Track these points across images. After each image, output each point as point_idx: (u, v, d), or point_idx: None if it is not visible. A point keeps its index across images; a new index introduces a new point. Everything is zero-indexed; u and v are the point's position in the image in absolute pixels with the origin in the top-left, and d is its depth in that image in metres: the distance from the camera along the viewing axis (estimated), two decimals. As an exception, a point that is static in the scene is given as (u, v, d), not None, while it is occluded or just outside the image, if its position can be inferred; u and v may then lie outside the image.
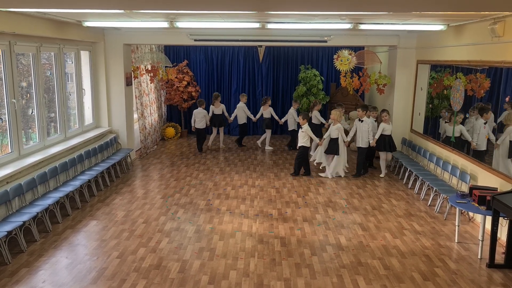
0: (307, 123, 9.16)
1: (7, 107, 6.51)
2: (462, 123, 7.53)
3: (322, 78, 13.29)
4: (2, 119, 6.60)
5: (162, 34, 9.53)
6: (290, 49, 13.62)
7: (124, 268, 5.20)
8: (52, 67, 8.04)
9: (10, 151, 6.65)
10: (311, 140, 9.32)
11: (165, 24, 7.70)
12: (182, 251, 5.68)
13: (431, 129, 8.97)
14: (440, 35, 8.31)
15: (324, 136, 9.25)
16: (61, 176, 7.36)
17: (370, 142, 9.03)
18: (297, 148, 9.27)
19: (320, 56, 13.73)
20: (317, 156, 9.25)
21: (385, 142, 9.05)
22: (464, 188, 7.02)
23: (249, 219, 6.82)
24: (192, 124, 11.38)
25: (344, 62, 9.78)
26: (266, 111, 11.62)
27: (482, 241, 5.59)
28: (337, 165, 9.13)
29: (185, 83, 12.97)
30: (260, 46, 13.28)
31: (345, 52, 9.74)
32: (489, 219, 5.50)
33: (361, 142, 9.11)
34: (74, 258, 5.45)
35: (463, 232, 6.39)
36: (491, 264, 5.34)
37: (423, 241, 6.07)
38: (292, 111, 11.29)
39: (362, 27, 7.80)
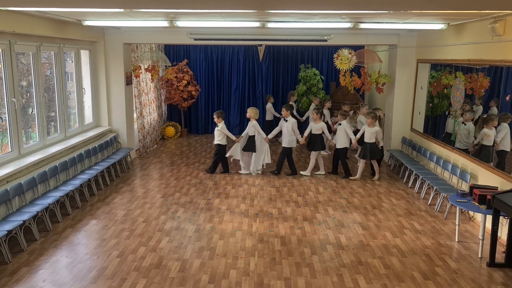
0: (223, 122, 9.18)
1: (7, 106, 6.51)
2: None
3: (322, 77, 13.29)
4: (2, 118, 6.59)
5: (162, 33, 9.52)
6: (290, 48, 13.62)
7: (124, 267, 5.20)
8: (52, 66, 8.03)
9: (10, 150, 6.65)
10: (260, 138, 9.18)
11: (165, 23, 7.70)
12: (182, 250, 5.68)
13: (431, 128, 8.96)
14: (440, 34, 8.30)
15: (242, 134, 9.30)
16: (61, 175, 7.36)
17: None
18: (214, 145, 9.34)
19: (320, 55, 13.72)
20: (234, 152, 9.26)
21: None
22: (465, 187, 7.01)
23: (249, 218, 6.82)
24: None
25: (344, 61, 9.77)
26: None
27: (483, 240, 5.59)
28: (256, 161, 9.21)
29: (185, 82, 12.96)
30: (260, 45, 13.27)
31: (345, 51, 9.73)
32: (489, 218, 5.50)
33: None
34: (74, 257, 5.45)
35: (463, 231, 6.39)
36: (492, 263, 5.34)
37: (423, 240, 6.07)
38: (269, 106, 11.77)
39: (362, 26, 7.79)
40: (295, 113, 12.02)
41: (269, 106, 12.42)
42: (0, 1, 5.07)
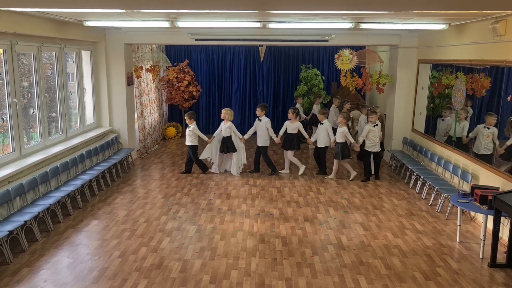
0: (194, 122, 9.20)
1: (9, 106, 6.52)
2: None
3: (323, 78, 13.30)
4: (3, 119, 6.60)
5: (163, 34, 9.53)
6: (291, 48, 13.62)
7: (125, 268, 5.20)
8: (53, 67, 8.04)
9: (11, 150, 6.65)
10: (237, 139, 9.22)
11: (166, 24, 7.70)
12: (183, 250, 5.68)
13: (432, 128, 8.95)
14: (441, 34, 8.30)
15: (214, 134, 9.34)
16: (62, 175, 7.37)
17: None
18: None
19: (321, 55, 13.72)
20: (208, 153, 9.29)
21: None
22: (466, 188, 7.01)
23: (250, 219, 6.82)
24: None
25: (345, 61, 9.76)
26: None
27: (484, 240, 5.59)
28: (237, 161, 9.23)
29: (186, 82, 12.97)
30: (261, 45, 13.27)
31: (346, 52, 9.72)
32: (490, 218, 5.49)
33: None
34: (76, 258, 5.45)
35: (464, 231, 6.38)
36: (493, 264, 5.33)
37: (424, 241, 6.07)
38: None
39: (363, 26, 7.79)
40: (303, 115, 11.90)
41: (297, 106, 12.03)
42: (1, 2, 5.08)
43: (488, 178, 6.51)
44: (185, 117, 9.29)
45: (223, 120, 9.25)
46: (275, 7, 5.41)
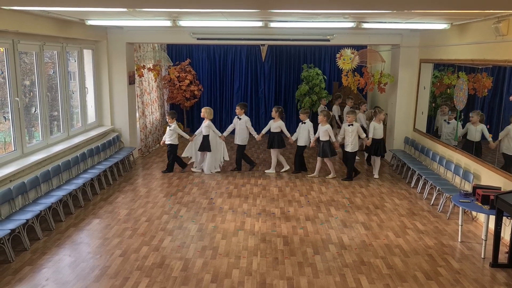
0: (175, 122, 9.24)
1: (11, 105, 6.53)
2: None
3: (325, 77, 13.28)
4: (5, 118, 6.61)
5: (165, 33, 9.53)
6: (293, 48, 13.61)
7: (127, 267, 5.21)
8: (55, 66, 8.05)
9: (13, 149, 6.66)
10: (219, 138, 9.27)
11: (167, 23, 7.70)
12: (185, 249, 5.69)
13: (434, 128, 8.94)
14: (443, 34, 8.29)
15: (196, 133, 9.39)
16: (64, 174, 7.38)
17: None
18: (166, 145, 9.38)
19: (322, 55, 13.71)
20: (189, 152, 9.35)
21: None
22: (468, 187, 7.00)
23: (251, 218, 6.82)
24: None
25: (346, 61, 9.76)
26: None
27: (486, 240, 5.58)
28: (212, 161, 9.24)
29: (187, 81, 12.97)
30: (263, 44, 13.26)
31: (348, 51, 9.72)
32: (492, 218, 5.49)
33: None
34: (77, 256, 5.46)
35: (466, 231, 6.37)
36: (495, 264, 5.32)
37: (426, 240, 6.06)
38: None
39: (365, 26, 7.78)
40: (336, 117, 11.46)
41: (335, 108, 11.75)
42: (3, 1, 5.09)
43: (490, 178, 6.50)
44: (167, 116, 9.41)
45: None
46: (277, 6, 5.41)
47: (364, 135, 8.97)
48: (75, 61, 8.92)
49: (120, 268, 5.18)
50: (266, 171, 9.45)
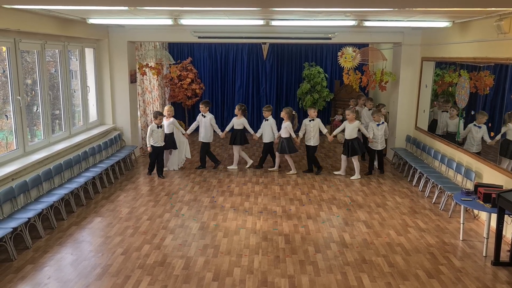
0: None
1: (12, 104, 6.54)
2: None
3: (326, 75, 13.27)
4: (7, 116, 6.62)
5: (166, 31, 9.53)
6: (294, 46, 13.59)
7: (128, 265, 5.22)
8: (56, 65, 8.06)
9: (15, 148, 6.68)
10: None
11: (169, 21, 7.70)
12: (186, 248, 5.70)
13: (435, 126, 8.93)
14: (445, 32, 8.27)
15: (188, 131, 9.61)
16: (65, 173, 7.39)
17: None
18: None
19: (324, 53, 13.69)
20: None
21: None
22: (469, 186, 6.99)
23: (253, 216, 6.82)
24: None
25: (348, 59, 9.74)
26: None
27: (487, 238, 5.58)
28: (176, 158, 9.27)
29: (189, 80, 12.97)
30: (264, 43, 13.26)
31: (350, 49, 9.71)
32: (494, 216, 5.48)
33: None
34: (79, 255, 5.47)
35: (468, 229, 6.37)
36: (496, 262, 5.32)
37: (427, 239, 6.06)
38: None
39: (367, 24, 7.77)
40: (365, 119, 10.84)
41: (365, 110, 11.87)
42: (5, -1, 5.10)
43: (492, 176, 6.49)
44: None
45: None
46: (278, 5, 5.40)
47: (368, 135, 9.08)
48: (76, 60, 8.93)
49: (122, 266, 5.19)
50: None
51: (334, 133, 9.33)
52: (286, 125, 8.99)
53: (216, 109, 13.92)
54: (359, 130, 8.94)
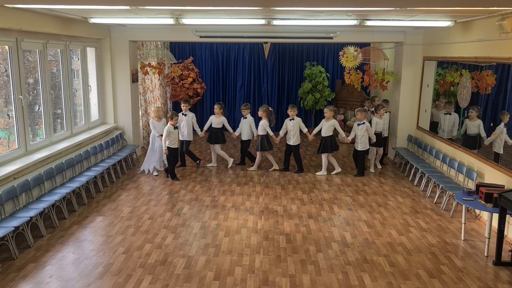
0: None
1: (14, 103, 6.55)
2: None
3: (328, 75, 13.26)
4: (9, 116, 6.64)
5: (168, 31, 9.54)
6: (296, 45, 13.59)
7: (130, 264, 5.23)
8: (58, 64, 8.07)
9: (17, 147, 6.69)
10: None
11: (170, 21, 7.71)
12: (188, 247, 5.70)
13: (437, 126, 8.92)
14: (447, 31, 8.25)
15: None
16: (67, 172, 7.40)
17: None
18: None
19: (325, 52, 13.68)
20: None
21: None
22: (471, 186, 6.98)
23: (254, 216, 6.83)
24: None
25: (350, 58, 9.74)
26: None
27: (489, 238, 5.57)
28: (149, 161, 9.06)
29: (190, 79, 12.97)
30: (266, 42, 13.25)
31: (351, 49, 9.70)
32: (496, 216, 5.47)
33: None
34: (81, 254, 5.48)
35: (469, 229, 6.36)
36: (498, 262, 5.31)
37: (429, 238, 6.05)
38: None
39: (368, 23, 7.77)
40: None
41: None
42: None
43: (494, 176, 6.48)
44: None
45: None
46: (280, 4, 5.40)
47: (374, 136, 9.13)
48: (78, 59, 8.94)
49: (123, 265, 5.20)
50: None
51: (314, 131, 9.33)
52: (263, 123, 9.10)
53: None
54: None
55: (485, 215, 6.42)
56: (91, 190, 7.59)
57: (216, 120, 9.39)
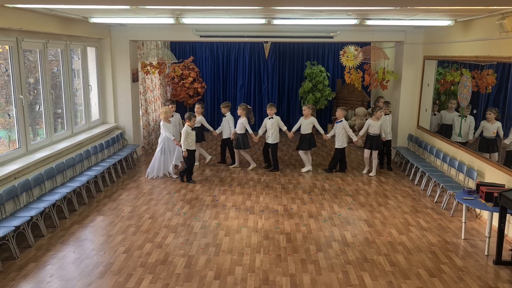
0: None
1: (15, 103, 6.56)
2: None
3: (328, 74, 13.26)
4: (9, 115, 6.65)
5: (168, 30, 9.54)
6: (296, 45, 13.59)
7: (130, 263, 5.24)
8: (58, 64, 8.08)
9: (17, 146, 6.70)
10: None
11: (171, 20, 7.71)
12: (188, 246, 5.71)
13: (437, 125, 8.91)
14: (447, 30, 8.25)
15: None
16: (68, 171, 7.41)
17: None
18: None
19: (326, 52, 13.67)
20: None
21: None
22: (471, 185, 6.98)
23: (254, 215, 6.83)
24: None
25: (350, 58, 9.74)
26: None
27: (489, 237, 5.57)
28: (160, 166, 8.76)
29: (190, 79, 12.98)
30: (266, 42, 13.25)
31: (351, 48, 9.70)
32: (496, 215, 5.47)
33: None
34: (81, 253, 5.49)
35: (469, 228, 6.36)
36: (498, 261, 5.31)
37: (429, 238, 6.05)
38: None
39: (369, 22, 7.77)
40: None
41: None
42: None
43: (494, 175, 6.48)
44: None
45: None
46: (280, 4, 5.40)
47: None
48: (78, 59, 8.94)
49: (124, 264, 5.21)
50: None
51: (293, 129, 9.41)
52: (243, 121, 9.16)
53: (218, 108, 13.89)
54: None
55: (485, 214, 6.42)
56: (92, 189, 7.60)
57: (197, 118, 9.25)
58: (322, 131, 9.28)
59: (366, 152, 9.16)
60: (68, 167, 7.34)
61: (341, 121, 9.05)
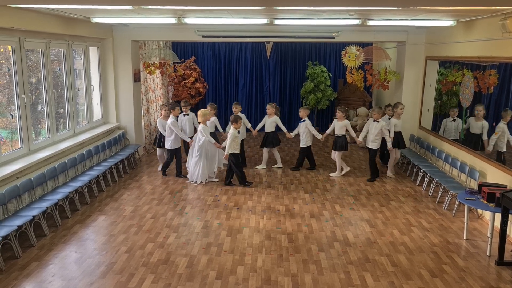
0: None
1: (17, 103, 6.57)
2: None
3: (330, 74, 13.26)
4: (12, 115, 6.66)
5: (170, 30, 9.55)
6: (298, 45, 13.59)
7: (132, 263, 5.24)
8: (61, 63, 8.09)
9: (20, 146, 6.71)
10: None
11: (173, 20, 7.72)
12: (190, 246, 5.71)
13: (440, 125, 8.90)
14: (449, 31, 8.24)
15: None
16: (70, 171, 7.42)
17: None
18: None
19: (328, 52, 13.67)
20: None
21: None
22: (473, 185, 6.97)
23: (256, 215, 6.83)
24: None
25: (352, 58, 9.74)
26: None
27: (491, 238, 5.56)
28: (205, 170, 8.46)
29: (192, 79, 12.99)
30: (268, 42, 13.26)
31: (353, 48, 9.70)
32: (498, 216, 5.46)
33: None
34: (83, 253, 5.50)
35: (471, 229, 6.35)
36: (500, 262, 5.31)
37: (431, 238, 6.05)
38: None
39: (371, 23, 7.77)
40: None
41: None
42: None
43: (496, 175, 6.47)
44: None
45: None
46: (282, 4, 5.40)
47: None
48: (81, 59, 8.96)
49: (126, 264, 5.21)
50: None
51: (258, 127, 9.47)
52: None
53: (220, 108, 13.92)
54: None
55: (487, 214, 6.41)
56: (94, 189, 7.61)
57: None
58: (285, 130, 9.42)
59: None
60: (70, 167, 7.36)
61: (304, 120, 9.13)
